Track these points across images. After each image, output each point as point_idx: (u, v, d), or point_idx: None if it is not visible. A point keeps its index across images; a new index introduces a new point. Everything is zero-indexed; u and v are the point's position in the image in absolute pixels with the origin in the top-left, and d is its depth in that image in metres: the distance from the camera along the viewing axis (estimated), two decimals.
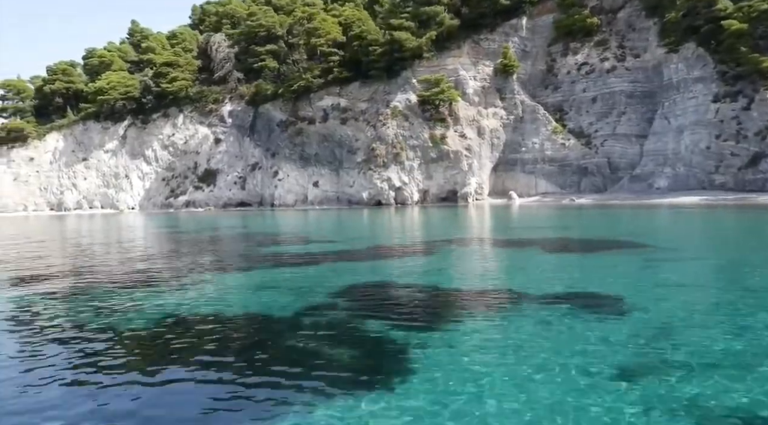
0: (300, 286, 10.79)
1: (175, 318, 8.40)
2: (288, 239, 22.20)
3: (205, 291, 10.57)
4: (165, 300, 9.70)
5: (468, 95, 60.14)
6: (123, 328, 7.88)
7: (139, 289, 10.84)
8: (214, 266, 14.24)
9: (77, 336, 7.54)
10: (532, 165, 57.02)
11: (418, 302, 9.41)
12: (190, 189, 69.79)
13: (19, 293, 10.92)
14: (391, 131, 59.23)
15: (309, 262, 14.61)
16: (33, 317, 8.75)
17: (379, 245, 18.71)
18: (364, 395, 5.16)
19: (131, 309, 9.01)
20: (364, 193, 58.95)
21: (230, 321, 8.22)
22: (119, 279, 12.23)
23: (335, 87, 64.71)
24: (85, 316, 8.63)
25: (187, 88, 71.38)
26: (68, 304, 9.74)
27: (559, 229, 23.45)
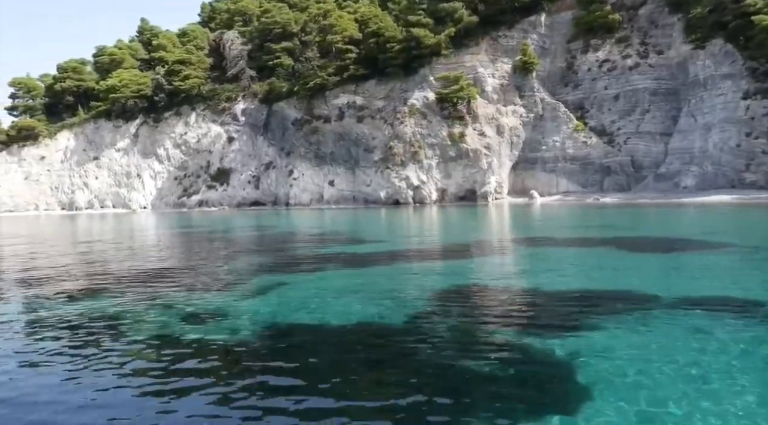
0: (389, 290, 9.97)
1: (275, 329, 7.58)
2: (336, 238, 21.33)
3: (288, 296, 9.76)
4: (253, 306, 8.87)
5: (487, 93, 59.27)
6: (218, 337, 7.07)
7: (216, 294, 10.02)
8: (280, 268, 13.41)
9: (173, 357, 6.73)
10: (552, 164, 56.14)
11: (540, 306, 8.61)
12: (203, 188, 68.99)
13: (78, 308, 10.11)
14: (409, 129, 58.38)
15: (376, 262, 13.79)
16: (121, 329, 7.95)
17: (439, 245, 17.88)
18: (546, 420, 4.41)
19: (219, 317, 8.19)
20: (381, 192, 58.12)
21: (340, 331, 7.39)
22: (187, 283, 11.42)
23: (351, 85, 63.85)
24: (177, 328, 7.81)
25: (199, 86, 70.57)
26: (181, 324, 8.93)
27: (614, 228, 22.58)
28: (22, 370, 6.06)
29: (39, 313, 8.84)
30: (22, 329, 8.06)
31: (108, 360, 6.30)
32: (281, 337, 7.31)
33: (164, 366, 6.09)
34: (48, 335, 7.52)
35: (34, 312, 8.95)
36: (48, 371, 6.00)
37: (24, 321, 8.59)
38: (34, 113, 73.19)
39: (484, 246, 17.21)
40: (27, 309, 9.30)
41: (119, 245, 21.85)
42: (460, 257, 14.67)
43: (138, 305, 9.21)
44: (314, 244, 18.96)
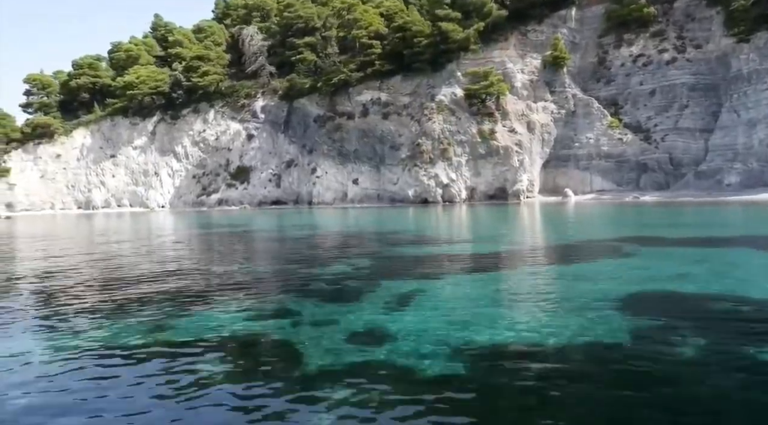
0: (557, 298, 8.51)
1: (451, 350, 6.09)
2: (418, 238, 19.60)
3: (444, 307, 8.27)
4: (414, 323, 7.40)
5: (516, 89, 57.82)
6: (391, 359, 5.59)
7: (353, 306, 8.56)
8: (400, 272, 11.94)
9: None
10: (586, 161, 54.63)
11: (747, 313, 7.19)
12: (223, 187, 67.57)
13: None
14: (438, 126, 56.92)
15: (495, 265, 12.32)
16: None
17: (534, 245, 16.37)
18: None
19: (379, 334, 6.72)
20: (409, 190, 56.66)
21: (561, 353, 5.91)
22: (304, 291, 9.97)
23: (375, 81, 62.41)
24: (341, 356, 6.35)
25: (218, 82, 69.16)
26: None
27: (690, 227, 21.14)
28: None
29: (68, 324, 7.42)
30: (43, 338, 6.97)
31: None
32: (474, 361, 5.74)
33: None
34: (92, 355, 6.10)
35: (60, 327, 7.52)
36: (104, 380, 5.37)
37: (47, 333, 7.16)
38: (49, 110, 71.78)
39: (587, 247, 15.73)
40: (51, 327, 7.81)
41: (179, 253, 20.36)
42: (577, 259, 13.20)
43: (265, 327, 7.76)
44: (400, 244, 17.40)
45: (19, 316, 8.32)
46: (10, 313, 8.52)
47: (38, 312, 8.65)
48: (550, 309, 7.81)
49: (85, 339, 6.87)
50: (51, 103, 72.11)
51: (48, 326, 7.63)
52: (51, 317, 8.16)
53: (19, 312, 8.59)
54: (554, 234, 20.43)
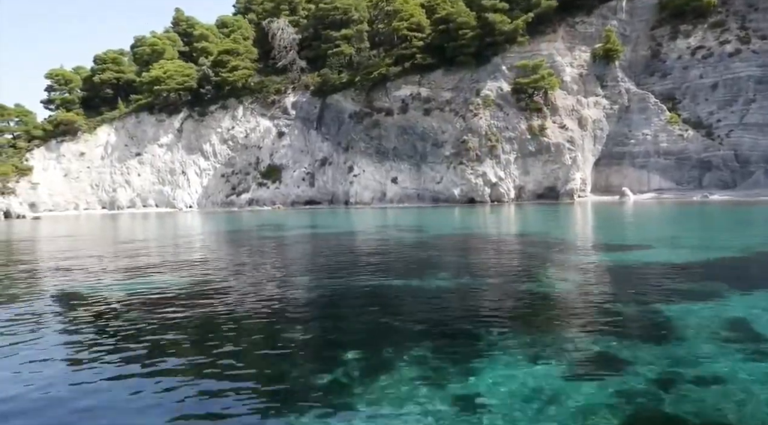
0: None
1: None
2: (562, 243, 16.95)
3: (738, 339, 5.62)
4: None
5: (566, 83, 55.19)
6: None
7: (617, 339, 5.92)
8: (631, 294, 9.29)
9: None
10: (643, 159, 51.93)
11: None
12: (253, 186, 64.90)
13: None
14: (484, 122, 54.28)
15: (738, 281, 9.65)
16: None
17: (714, 250, 13.65)
18: None
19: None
20: (455, 189, 53.97)
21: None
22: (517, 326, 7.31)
23: (414, 75, 59.81)
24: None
25: (247, 77, 66.52)
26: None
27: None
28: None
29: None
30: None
31: None
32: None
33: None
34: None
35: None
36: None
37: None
38: (72, 106, 69.14)
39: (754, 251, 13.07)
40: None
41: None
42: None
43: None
44: (563, 251, 14.74)
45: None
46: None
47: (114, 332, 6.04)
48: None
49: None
50: (73, 100, 69.46)
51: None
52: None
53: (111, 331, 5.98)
54: (739, 238, 17.67)
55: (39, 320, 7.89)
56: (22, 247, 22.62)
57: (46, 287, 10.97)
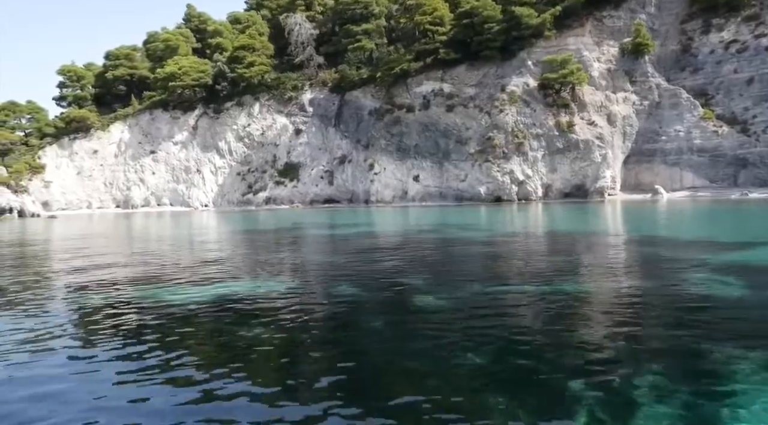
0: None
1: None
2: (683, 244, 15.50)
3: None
4: None
5: (593, 78, 53.75)
6: None
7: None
8: None
9: None
10: (675, 156, 50.45)
11: None
12: (270, 185, 63.51)
13: None
14: (511, 118, 52.87)
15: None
16: None
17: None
18: None
19: None
20: (481, 188, 52.54)
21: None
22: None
23: (436, 71, 58.41)
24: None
25: (263, 73, 65.11)
26: None
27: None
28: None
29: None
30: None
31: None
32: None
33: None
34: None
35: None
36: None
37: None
38: (84, 103, 67.81)
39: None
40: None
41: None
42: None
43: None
44: (689, 250, 13.31)
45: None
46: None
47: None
48: None
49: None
50: (86, 96, 68.12)
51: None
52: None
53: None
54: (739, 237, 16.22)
55: (94, 326, 6.54)
56: (51, 248, 21.24)
57: (88, 293, 9.58)
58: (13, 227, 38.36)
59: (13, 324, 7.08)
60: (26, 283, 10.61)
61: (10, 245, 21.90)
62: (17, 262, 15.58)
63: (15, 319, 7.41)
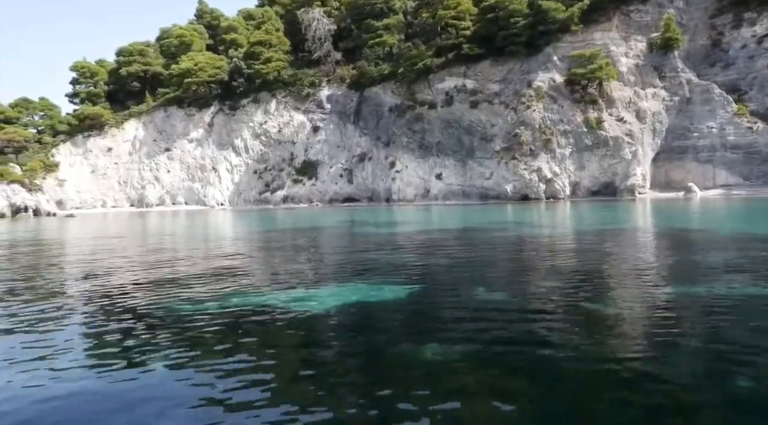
0: None
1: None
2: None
3: None
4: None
5: (621, 74, 52.55)
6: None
7: None
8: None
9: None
10: (708, 153, 49.27)
11: None
12: (288, 183, 62.31)
13: None
14: (538, 115, 51.67)
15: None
16: None
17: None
18: None
19: None
20: (507, 186, 51.34)
21: None
22: None
23: (459, 67, 57.21)
24: None
25: (280, 70, 63.92)
26: None
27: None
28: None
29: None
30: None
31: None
32: None
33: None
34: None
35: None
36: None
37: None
38: (97, 100, 66.58)
39: None
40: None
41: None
42: None
43: None
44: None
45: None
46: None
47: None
48: None
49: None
50: (99, 93, 66.88)
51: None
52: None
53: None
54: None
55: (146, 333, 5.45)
56: (86, 249, 20.05)
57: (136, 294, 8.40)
58: (32, 226, 37.14)
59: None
60: (67, 284, 9.44)
61: (37, 245, 20.70)
62: (50, 262, 14.40)
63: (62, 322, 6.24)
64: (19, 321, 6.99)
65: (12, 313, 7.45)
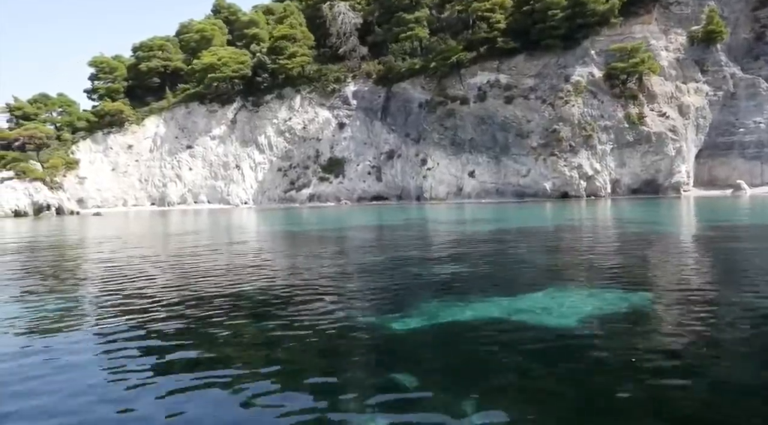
0: None
1: None
2: None
3: None
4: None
5: (662, 68, 51.00)
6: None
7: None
8: None
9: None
10: (755, 149, 47.76)
11: None
12: (314, 181, 60.69)
13: None
14: (577, 110, 50.15)
15: None
16: None
17: None
18: None
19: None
20: (546, 183, 49.80)
21: None
22: None
23: (492, 61, 55.66)
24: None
25: (304, 65, 62.30)
26: None
27: None
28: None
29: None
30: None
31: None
32: None
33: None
34: None
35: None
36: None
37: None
38: (116, 96, 64.90)
39: None
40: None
41: None
42: None
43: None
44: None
45: None
46: None
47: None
48: None
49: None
50: (118, 89, 65.20)
51: None
52: None
53: None
54: None
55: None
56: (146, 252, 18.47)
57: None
58: (63, 225, 35.50)
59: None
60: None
61: (97, 244, 19.10)
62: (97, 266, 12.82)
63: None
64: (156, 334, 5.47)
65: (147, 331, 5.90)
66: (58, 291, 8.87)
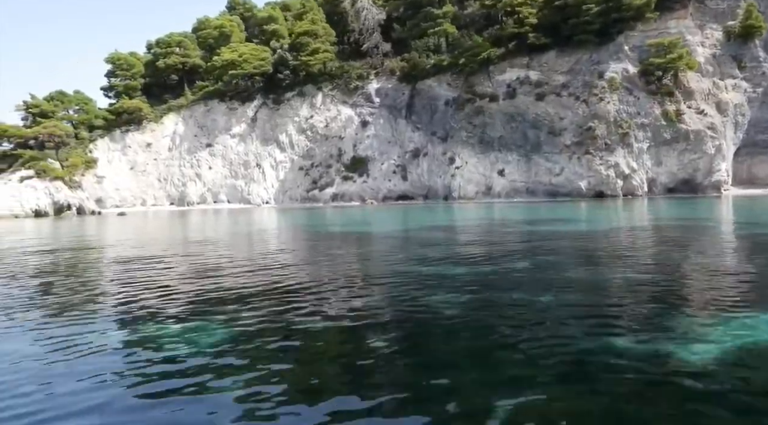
0: None
1: None
2: None
3: None
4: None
5: (699, 64, 49.76)
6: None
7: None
8: None
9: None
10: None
11: None
12: (338, 180, 59.43)
13: None
14: (612, 107, 48.89)
15: None
16: None
17: None
18: None
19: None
20: (581, 182, 48.52)
21: None
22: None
23: (521, 57, 54.45)
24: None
25: (326, 62, 61.02)
26: None
27: None
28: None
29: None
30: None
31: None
32: None
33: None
34: None
35: None
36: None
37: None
38: (134, 93, 63.60)
39: None
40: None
41: None
42: None
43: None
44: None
45: None
46: None
47: None
48: None
49: None
50: (136, 86, 63.87)
51: None
52: None
53: None
54: None
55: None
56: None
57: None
58: (93, 225, 34.10)
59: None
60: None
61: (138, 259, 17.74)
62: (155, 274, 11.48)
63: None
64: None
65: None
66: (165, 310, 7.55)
